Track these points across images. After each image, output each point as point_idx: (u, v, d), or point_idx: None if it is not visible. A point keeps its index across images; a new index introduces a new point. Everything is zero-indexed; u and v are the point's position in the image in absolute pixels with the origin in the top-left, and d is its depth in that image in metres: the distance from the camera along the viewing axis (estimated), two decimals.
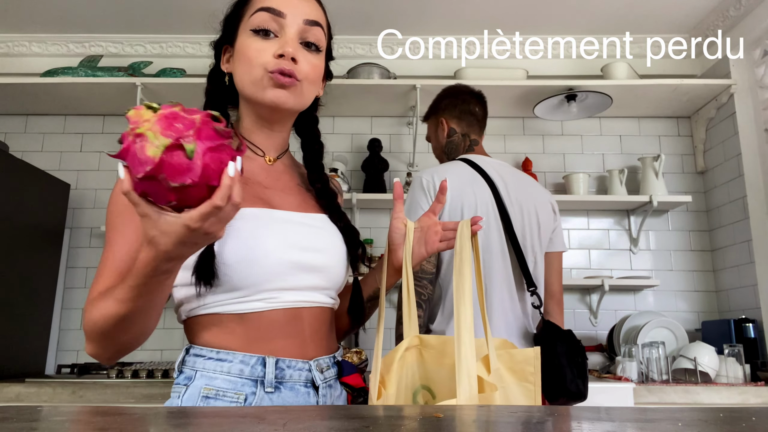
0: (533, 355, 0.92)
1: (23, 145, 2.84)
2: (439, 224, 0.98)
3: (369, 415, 0.54)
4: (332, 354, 0.97)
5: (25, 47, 2.89)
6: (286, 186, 0.99)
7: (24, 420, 0.47)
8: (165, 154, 0.57)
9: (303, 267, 0.90)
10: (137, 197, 0.61)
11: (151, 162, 0.57)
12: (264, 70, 0.90)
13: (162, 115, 0.59)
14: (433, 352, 0.90)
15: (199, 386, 0.85)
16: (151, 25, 2.78)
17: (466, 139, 1.86)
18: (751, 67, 2.56)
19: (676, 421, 0.49)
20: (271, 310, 0.88)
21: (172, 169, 0.58)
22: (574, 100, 2.64)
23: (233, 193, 0.63)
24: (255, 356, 0.86)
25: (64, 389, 2.00)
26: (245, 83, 0.93)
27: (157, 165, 0.57)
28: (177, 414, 0.57)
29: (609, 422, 0.50)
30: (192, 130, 0.59)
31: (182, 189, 0.59)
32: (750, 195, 2.47)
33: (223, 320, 0.88)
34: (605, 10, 2.66)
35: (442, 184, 0.99)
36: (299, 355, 0.90)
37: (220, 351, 0.87)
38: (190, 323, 0.92)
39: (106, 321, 0.76)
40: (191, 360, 0.88)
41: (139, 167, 0.58)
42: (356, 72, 2.70)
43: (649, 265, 2.77)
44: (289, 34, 0.92)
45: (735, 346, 2.23)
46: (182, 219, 0.62)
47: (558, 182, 2.86)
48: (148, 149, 0.57)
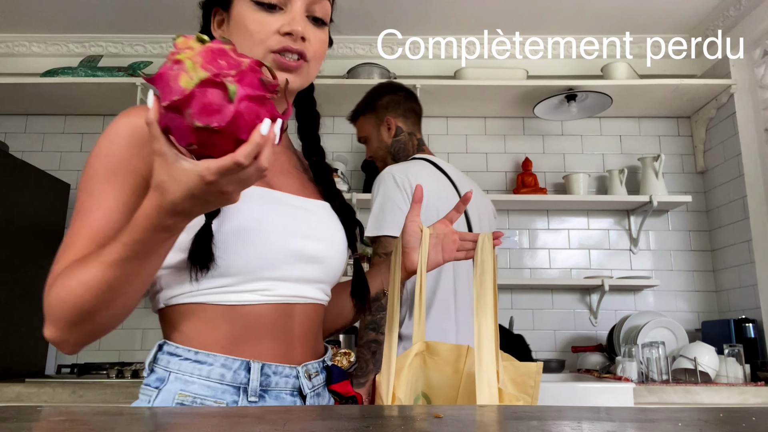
0: (535, 369, 0.92)
1: (23, 145, 2.84)
2: (457, 233, 0.96)
3: (369, 415, 0.54)
4: (321, 358, 0.88)
5: (25, 47, 2.89)
6: (284, 167, 0.90)
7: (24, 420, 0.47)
8: (198, 87, 0.52)
9: (302, 257, 0.82)
10: (158, 131, 0.55)
11: (180, 92, 0.52)
12: (267, 49, 0.81)
13: (209, 47, 0.54)
14: (437, 360, 0.89)
15: (173, 391, 0.75)
16: (151, 25, 2.78)
17: (413, 138, 1.83)
18: (751, 67, 2.56)
19: (676, 421, 0.49)
20: (261, 304, 0.79)
21: (202, 106, 0.52)
22: (574, 100, 2.64)
23: (262, 154, 0.56)
24: (239, 360, 0.77)
25: (64, 389, 2.00)
26: None
27: (187, 97, 0.52)
28: (176, 414, 0.57)
29: (609, 422, 0.50)
30: (235, 71, 0.53)
31: (207, 132, 0.53)
32: (750, 195, 2.47)
33: (207, 312, 0.77)
34: (605, 10, 2.66)
35: (468, 195, 0.97)
36: (286, 359, 0.81)
37: (199, 351, 0.76)
38: (167, 313, 0.80)
39: (85, 292, 0.65)
40: (165, 359, 0.78)
41: (168, 95, 0.53)
42: (356, 72, 2.70)
43: (649, 265, 2.77)
44: (297, 7, 0.82)
45: (735, 346, 2.23)
46: (198, 167, 0.56)
47: (558, 182, 2.86)
48: (182, 79, 0.52)
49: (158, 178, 0.58)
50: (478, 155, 2.90)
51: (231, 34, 0.84)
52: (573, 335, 2.72)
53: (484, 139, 2.93)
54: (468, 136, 2.92)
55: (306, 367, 0.83)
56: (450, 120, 2.94)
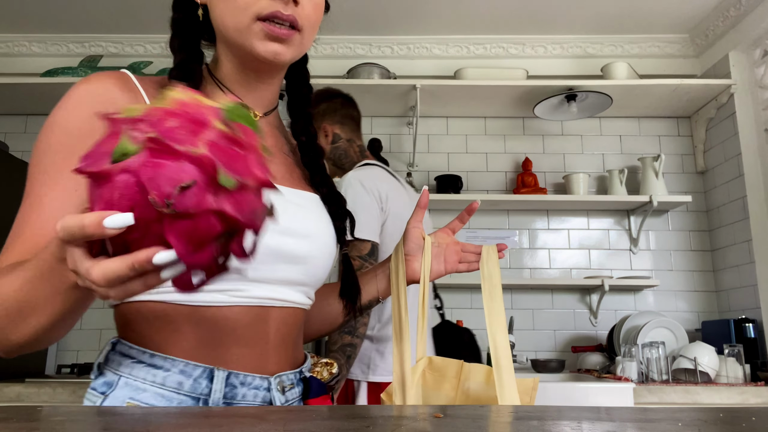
0: (531, 385, 0.93)
1: (23, 145, 2.84)
2: (459, 244, 0.93)
3: (369, 415, 0.54)
4: (298, 368, 0.78)
5: (25, 47, 2.89)
6: (270, 151, 0.82)
7: (24, 420, 0.47)
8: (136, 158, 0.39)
9: (282, 256, 0.73)
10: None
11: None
12: (253, 16, 0.70)
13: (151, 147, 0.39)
14: (436, 375, 0.89)
15: (121, 398, 0.66)
16: (151, 25, 2.78)
17: (353, 144, 1.82)
18: (751, 67, 2.56)
19: (676, 421, 0.49)
20: (232, 305, 0.69)
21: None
22: (574, 100, 2.64)
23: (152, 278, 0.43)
24: (201, 366, 0.67)
25: (64, 389, 2.00)
26: (227, 27, 0.72)
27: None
28: (176, 414, 0.57)
29: (609, 422, 0.50)
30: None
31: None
32: (750, 195, 2.47)
33: (169, 312, 0.67)
34: (605, 10, 2.66)
35: (473, 206, 0.94)
36: (258, 368, 0.71)
37: (155, 354, 0.67)
38: (124, 310, 0.70)
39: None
40: (116, 360, 0.68)
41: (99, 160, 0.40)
42: (356, 72, 2.70)
43: (649, 265, 2.77)
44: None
45: (735, 346, 2.23)
46: (73, 258, 0.44)
47: (558, 182, 2.86)
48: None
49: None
50: (478, 155, 2.90)
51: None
52: (573, 335, 2.72)
53: (484, 139, 2.93)
54: (468, 136, 2.92)
55: (280, 378, 0.74)
56: (450, 120, 2.94)
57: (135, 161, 0.39)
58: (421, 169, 2.86)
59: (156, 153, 0.39)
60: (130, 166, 0.39)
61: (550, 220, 2.83)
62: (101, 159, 0.40)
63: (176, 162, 0.39)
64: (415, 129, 2.74)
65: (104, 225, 0.39)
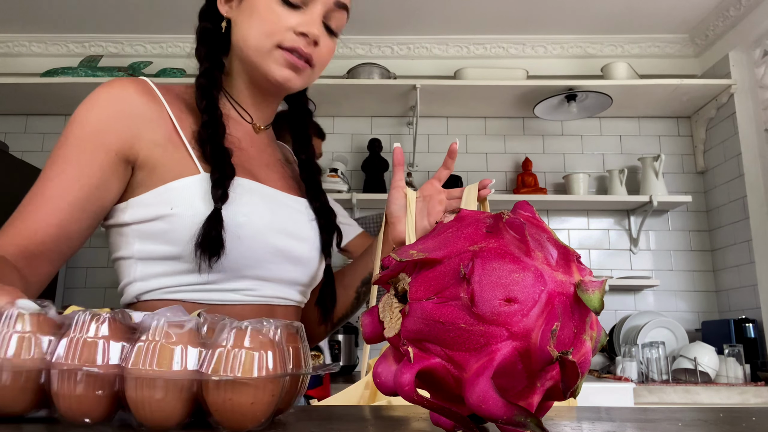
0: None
1: (23, 145, 2.84)
2: (444, 192, 0.87)
3: (369, 416, 0.54)
4: None
5: (25, 47, 2.89)
6: (269, 160, 0.86)
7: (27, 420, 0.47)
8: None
9: (286, 256, 0.78)
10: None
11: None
12: (276, 43, 0.76)
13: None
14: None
15: None
16: (151, 25, 2.78)
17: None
18: (751, 67, 2.56)
19: (676, 421, 0.49)
20: (243, 304, 0.74)
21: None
22: (574, 100, 2.64)
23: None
24: None
25: None
26: (249, 46, 0.78)
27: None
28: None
29: (609, 422, 0.50)
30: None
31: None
32: (750, 195, 2.47)
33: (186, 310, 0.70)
34: (605, 10, 2.66)
35: (453, 147, 0.87)
36: None
37: None
38: (138, 309, 0.72)
39: None
40: None
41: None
42: (356, 72, 2.70)
43: (649, 265, 2.77)
44: (317, 10, 0.78)
45: (735, 346, 2.23)
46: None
47: (558, 182, 2.86)
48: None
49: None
50: (478, 155, 2.90)
51: (242, 15, 0.79)
52: None
53: (484, 139, 2.93)
54: (468, 136, 2.92)
55: None
56: (450, 120, 2.94)
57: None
58: (421, 169, 2.86)
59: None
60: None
61: (551, 220, 2.83)
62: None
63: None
64: (415, 129, 2.74)
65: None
